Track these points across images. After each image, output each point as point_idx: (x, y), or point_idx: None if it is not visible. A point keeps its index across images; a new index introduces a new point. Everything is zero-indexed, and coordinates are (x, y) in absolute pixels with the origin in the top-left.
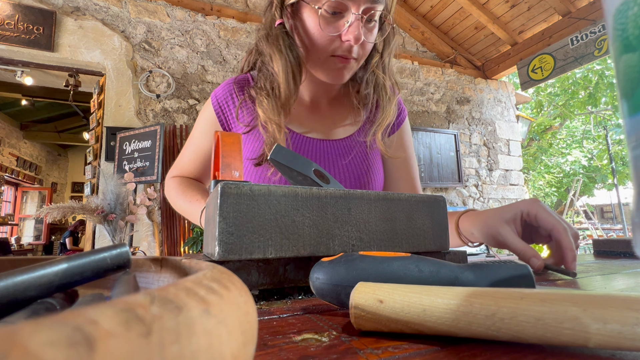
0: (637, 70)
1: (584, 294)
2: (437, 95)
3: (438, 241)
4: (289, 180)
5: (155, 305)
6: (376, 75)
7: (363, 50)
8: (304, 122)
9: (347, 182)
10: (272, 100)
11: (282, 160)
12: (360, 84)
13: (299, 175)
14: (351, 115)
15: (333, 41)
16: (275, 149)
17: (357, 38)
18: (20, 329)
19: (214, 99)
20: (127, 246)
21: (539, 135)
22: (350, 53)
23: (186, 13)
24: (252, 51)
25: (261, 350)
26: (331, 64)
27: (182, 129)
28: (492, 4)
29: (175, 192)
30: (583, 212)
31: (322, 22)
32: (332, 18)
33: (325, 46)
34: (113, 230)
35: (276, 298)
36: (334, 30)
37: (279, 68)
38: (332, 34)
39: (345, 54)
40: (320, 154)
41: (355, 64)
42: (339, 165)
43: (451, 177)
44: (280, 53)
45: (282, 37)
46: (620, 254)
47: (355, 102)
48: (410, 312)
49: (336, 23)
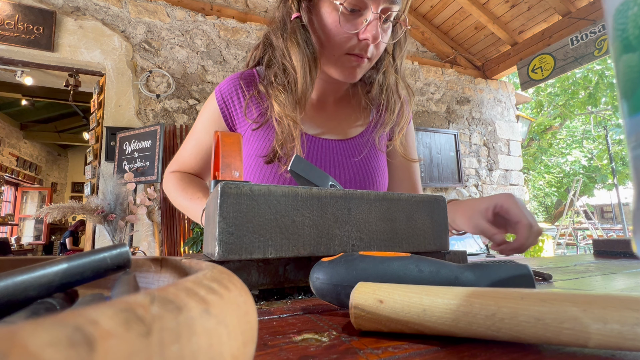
0: (637, 70)
1: (583, 294)
2: (437, 95)
3: (438, 241)
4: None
5: (155, 305)
6: (388, 77)
7: (377, 50)
8: (313, 122)
9: (356, 181)
10: (289, 95)
11: (301, 173)
12: (372, 85)
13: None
14: (359, 115)
15: (350, 39)
16: (295, 161)
17: (375, 37)
18: (20, 329)
19: (218, 94)
20: (127, 246)
21: (539, 135)
22: (366, 52)
23: (186, 13)
24: (259, 46)
25: (261, 351)
26: (345, 62)
27: (182, 129)
28: (492, 4)
29: (175, 188)
30: (583, 212)
31: (341, 18)
32: (351, 16)
33: (341, 43)
34: (113, 230)
35: (276, 298)
36: (353, 27)
37: (297, 62)
38: (350, 31)
39: (361, 52)
40: (331, 154)
41: (368, 63)
42: (349, 164)
43: (451, 177)
44: (298, 47)
45: (299, 30)
46: (620, 254)
47: (364, 102)
48: (410, 312)
49: (355, 21)
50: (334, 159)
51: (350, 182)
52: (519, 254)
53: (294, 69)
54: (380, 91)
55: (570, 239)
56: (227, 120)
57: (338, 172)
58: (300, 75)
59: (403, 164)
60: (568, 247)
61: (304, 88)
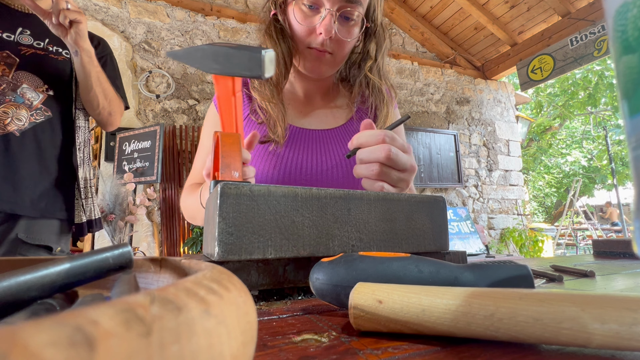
0: (637, 71)
1: (582, 294)
2: (437, 95)
3: (438, 241)
4: (195, 65)
5: (155, 305)
6: (368, 75)
7: (338, 47)
8: (299, 114)
9: (342, 167)
10: (265, 85)
11: (178, 52)
12: (353, 85)
13: (197, 51)
14: (344, 109)
15: (310, 33)
16: (169, 53)
17: (328, 31)
18: (21, 329)
19: (215, 100)
20: (129, 246)
21: (538, 136)
22: (325, 46)
23: (186, 13)
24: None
25: (261, 351)
26: (307, 55)
27: (181, 129)
28: (492, 4)
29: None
30: (583, 213)
31: (300, 15)
32: (310, 12)
33: (302, 38)
34: (112, 231)
35: (276, 298)
36: (310, 23)
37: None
38: (307, 26)
39: (318, 46)
40: (317, 142)
41: (331, 58)
42: (334, 151)
43: (451, 178)
44: (270, 38)
45: (274, 25)
46: (619, 254)
47: (349, 99)
48: (410, 312)
49: (312, 17)
50: (319, 147)
51: (336, 167)
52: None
53: None
54: (363, 88)
55: (570, 239)
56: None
57: (325, 159)
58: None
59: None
60: (568, 248)
61: (278, 78)
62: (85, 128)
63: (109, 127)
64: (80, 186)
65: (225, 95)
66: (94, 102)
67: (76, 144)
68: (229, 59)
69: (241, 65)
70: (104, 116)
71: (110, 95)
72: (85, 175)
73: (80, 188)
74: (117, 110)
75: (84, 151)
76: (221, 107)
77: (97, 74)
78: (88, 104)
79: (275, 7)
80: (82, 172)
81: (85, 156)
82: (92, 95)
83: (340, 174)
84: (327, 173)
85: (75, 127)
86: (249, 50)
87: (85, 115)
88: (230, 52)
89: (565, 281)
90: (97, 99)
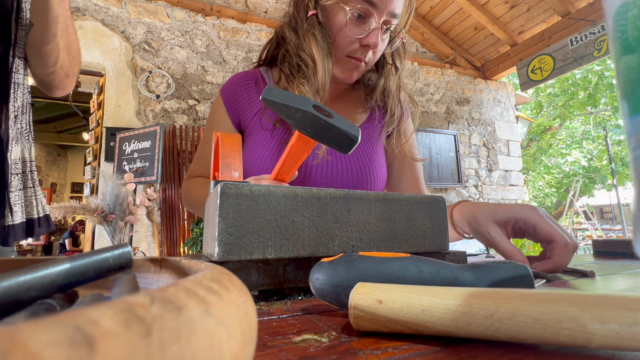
0: (637, 71)
1: (582, 294)
2: (437, 95)
3: (438, 242)
4: (289, 121)
5: (155, 305)
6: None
7: (374, 57)
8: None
9: (353, 171)
10: (310, 86)
11: (276, 99)
12: (374, 88)
13: (298, 112)
14: (357, 113)
15: (353, 43)
16: (267, 90)
17: (376, 44)
18: (21, 329)
19: (222, 91)
20: (129, 246)
21: (538, 136)
22: (365, 57)
23: (186, 13)
24: (272, 40)
25: (261, 351)
26: (345, 63)
27: (181, 129)
28: (492, 4)
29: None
30: (583, 213)
31: (348, 23)
32: (357, 21)
33: (345, 46)
34: (113, 231)
35: (276, 299)
36: (357, 32)
37: (317, 54)
38: (355, 35)
39: (360, 56)
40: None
41: (365, 67)
42: (345, 155)
43: (451, 178)
44: (315, 40)
45: (317, 27)
46: (619, 254)
47: (363, 103)
48: (409, 312)
49: (360, 27)
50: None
51: (347, 172)
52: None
53: (314, 61)
54: (382, 95)
55: None
56: (232, 109)
57: (335, 162)
58: (320, 67)
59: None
60: None
61: (324, 79)
62: (24, 87)
63: (59, 92)
64: (11, 171)
65: (300, 151)
66: (52, 57)
67: (9, 108)
68: (327, 131)
69: (334, 140)
70: (58, 77)
71: (74, 51)
72: (23, 156)
73: (12, 173)
74: (75, 72)
75: (21, 121)
76: (289, 155)
77: (65, 19)
78: (41, 56)
79: (315, 7)
80: (17, 150)
81: (24, 128)
82: (51, 47)
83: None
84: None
85: (11, 82)
86: (347, 126)
87: (27, 69)
88: (330, 126)
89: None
90: (56, 53)
